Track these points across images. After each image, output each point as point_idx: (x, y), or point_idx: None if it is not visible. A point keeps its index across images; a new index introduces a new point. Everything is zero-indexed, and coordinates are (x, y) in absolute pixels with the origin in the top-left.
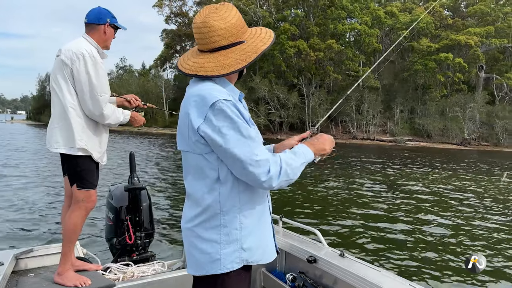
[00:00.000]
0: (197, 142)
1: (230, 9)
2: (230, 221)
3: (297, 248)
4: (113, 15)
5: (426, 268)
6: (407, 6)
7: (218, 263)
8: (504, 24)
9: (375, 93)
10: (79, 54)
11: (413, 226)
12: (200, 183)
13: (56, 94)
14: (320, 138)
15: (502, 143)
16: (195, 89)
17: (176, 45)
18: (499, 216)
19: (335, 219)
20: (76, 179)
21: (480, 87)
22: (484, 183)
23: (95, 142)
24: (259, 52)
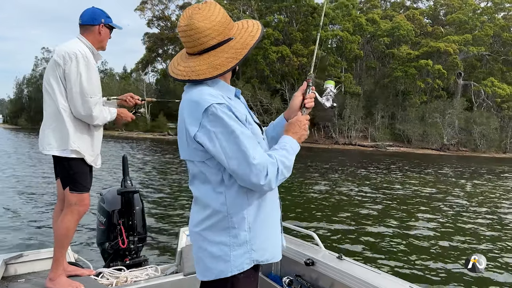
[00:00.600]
0: (196, 150)
1: (213, 7)
2: (239, 223)
3: (294, 251)
4: (107, 15)
5: (424, 269)
6: (388, 14)
7: (228, 266)
8: (482, 33)
9: (356, 99)
10: (72, 54)
11: (405, 228)
12: (206, 187)
13: (48, 95)
14: (301, 124)
15: (479, 148)
16: (188, 96)
17: (158, 49)
18: (486, 215)
19: (329, 223)
20: (68, 182)
21: (459, 94)
22: (465, 187)
23: (87, 145)
24: (249, 47)
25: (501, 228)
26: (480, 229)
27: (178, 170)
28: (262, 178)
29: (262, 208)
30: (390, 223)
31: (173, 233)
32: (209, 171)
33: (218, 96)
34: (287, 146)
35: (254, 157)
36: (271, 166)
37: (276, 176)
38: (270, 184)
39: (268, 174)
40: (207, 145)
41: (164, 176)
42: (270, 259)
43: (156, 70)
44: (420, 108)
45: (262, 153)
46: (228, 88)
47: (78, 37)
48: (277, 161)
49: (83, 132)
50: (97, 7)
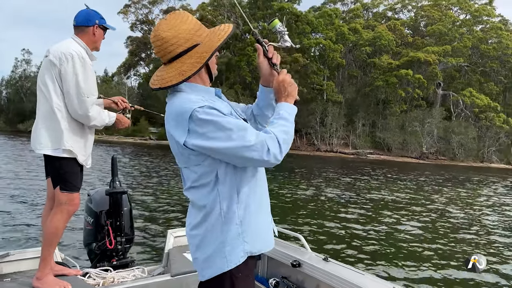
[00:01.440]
0: (190, 156)
1: (180, 16)
2: (230, 218)
3: (280, 253)
4: (101, 16)
5: (407, 270)
6: (370, 24)
7: (224, 261)
8: (460, 44)
9: (338, 107)
10: (68, 54)
11: (388, 231)
12: (201, 190)
13: (42, 95)
14: (285, 83)
15: (458, 157)
16: (170, 107)
17: (141, 53)
18: (464, 219)
19: (315, 226)
20: (59, 181)
21: (438, 103)
22: (443, 193)
23: (80, 145)
24: (213, 49)
25: (477, 231)
26: (459, 232)
27: (165, 173)
28: (264, 154)
29: (252, 202)
30: (374, 226)
31: (161, 234)
32: (205, 172)
33: (198, 100)
34: (281, 114)
35: (249, 139)
36: (270, 140)
37: (279, 148)
38: (276, 157)
39: (270, 149)
40: (201, 147)
41: (151, 179)
42: (262, 249)
43: (138, 74)
44: (400, 117)
45: (257, 132)
46: (207, 90)
47: (72, 37)
48: (275, 134)
49: (76, 132)
50: (91, 8)
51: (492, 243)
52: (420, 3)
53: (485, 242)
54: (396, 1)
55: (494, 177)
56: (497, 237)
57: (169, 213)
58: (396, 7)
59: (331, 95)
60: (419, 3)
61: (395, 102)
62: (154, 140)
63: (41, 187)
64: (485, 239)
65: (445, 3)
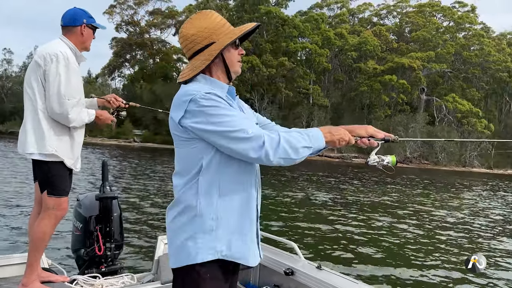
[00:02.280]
0: (181, 137)
1: (203, 15)
2: (206, 211)
3: (273, 261)
4: (89, 15)
5: (401, 277)
6: (356, 29)
7: (192, 254)
8: (444, 51)
9: (324, 111)
10: (53, 55)
11: (380, 238)
12: (184, 176)
13: (28, 97)
14: (341, 132)
15: (441, 161)
16: (179, 91)
17: (126, 54)
18: (454, 224)
19: (306, 233)
20: (46, 185)
21: (421, 109)
22: (433, 197)
23: (66, 148)
24: (222, 47)
25: (468, 234)
26: (450, 235)
27: (154, 176)
28: (257, 147)
29: (234, 203)
30: (365, 230)
31: (150, 241)
32: (191, 158)
33: (206, 89)
34: (305, 132)
35: (247, 130)
36: (270, 139)
37: (274, 149)
38: (268, 155)
39: (264, 145)
40: (196, 128)
41: (140, 183)
42: (239, 258)
43: (123, 75)
44: (384, 122)
45: (259, 127)
46: (221, 85)
47: (60, 37)
48: (280, 136)
49: (62, 134)
50: (78, 7)
51: (482, 244)
52: (405, 9)
53: (476, 243)
54: (381, 7)
55: (477, 181)
56: (487, 240)
57: (159, 218)
58: (381, 13)
59: (317, 99)
60: (404, 10)
61: (379, 107)
62: (138, 142)
63: (28, 190)
64: (475, 241)
65: (429, 10)
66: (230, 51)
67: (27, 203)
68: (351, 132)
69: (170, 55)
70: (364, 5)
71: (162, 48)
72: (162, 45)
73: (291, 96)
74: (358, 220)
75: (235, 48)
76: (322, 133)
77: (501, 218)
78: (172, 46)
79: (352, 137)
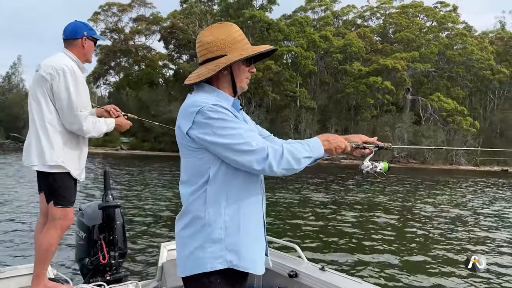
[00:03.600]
0: (189, 148)
1: (224, 26)
2: (214, 220)
3: (276, 263)
4: (90, 28)
5: (405, 278)
6: (340, 31)
7: (202, 263)
8: (427, 50)
9: (311, 113)
10: (59, 69)
11: (382, 237)
12: (191, 187)
13: (35, 110)
14: (338, 140)
15: (428, 160)
16: (186, 101)
17: (111, 61)
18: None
19: (307, 234)
20: (52, 196)
21: (407, 108)
22: (426, 196)
23: (73, 158)
24: (229, 62)
25: (468, 231)
26: (449, 235)
27: (152, 184)
28: (261, 160)
29: (242, 212)
30: (366, 233)
31: (154, 248)
32: (199, 168)
33: (213, 100)
34: (306, 142)
35: (250, 142)
36: (273, 151)
37: (277, 161)
38: (272, 167)
39: (268, 157)
40: (202, 138)
41: (138, 191)
42: (248, 267)
43: (108, 83)
44: (371, 122)
45: (263, 140)
46: (226, 97)
47: (63, 51)
48: (283, 148)
49: (70, 146)
50: (79, 20)
51: (485, 243)
52: (388, 10)
53: (476, 242)
54: (365, 9)
55: (464, 178)
56: (487, 233)
57: (161, 225)
58: (365, 15)
59: (304, 102)
60: (387, 11)
61: (365, 108)
62: (126, 149)
63: (33, 201)
64: (476, 239)
65: (412, 10)
66: (240, 67)
67: (32, 214)
68: (347, 140)
69: (156, 61)
70: (348, 7)
71: (147, 54)
72: (147, 51)
73: (278, 99)
74: (357, 220)
75: (246, 65)
76: (321, 142)
77: (496, 214)
78: (157, 52)
79: (348, 144)
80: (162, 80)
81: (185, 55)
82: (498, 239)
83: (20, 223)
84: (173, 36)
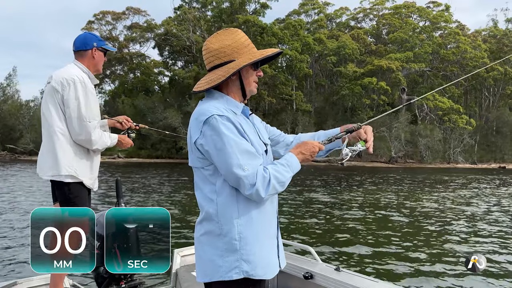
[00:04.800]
0: (197, 157)
1: (230, 32)
2: (229, 231)
3: (291, 266)
4: (99, 39)
5: (419, 274)
6: (334, 33)
7: (220, 271)
8: (421, 50)
9: (307, 116)
10: (70, 80)
11: (395, 236)
12: (202, 194)
13: (46, 121)
14: (310, 147)
15: (425, 160)
16: (197, 108)
17: (106, 70)
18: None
19: (318, 235)
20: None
21: (403, 108)
22: (430, 195)
23: (86, 168)
24: (239, 67)
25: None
26: (459, 233)
27: (158, 190)
28: (248, 186)
29: (255, 221)
30: (377, 232)
31: None
32: (206, 178)
33: (221, 109)
34: (286, 163)
35: (243, 167)
36: (261, 178)
37: (265, 188)
38: (259, 194)
39: (255, 185)
40: (204, 150)
41: (147, 198)
42: (263, 275)
43: (104, 91)
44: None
45: (255, 164)
46: (235, 104)
47: (74, 62)
48: (270, 175)
49: (82, 155)
50: (89, 32)
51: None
52: (381, 11)
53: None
54: (358, 11)
55: (462, 177)
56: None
57: (173, 231)
58: (358, 17)
59: (300, 105)
60: (380, 12)
61: (361, 109)
62: (123, 158)
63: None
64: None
65: (405, 11)
66: (249, 71)
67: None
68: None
69: (151, 68)
70: (341, 9)
71: (142, 61)
72: (142, 58)
73: (274, 103)
74: (364, 219)
75: (254, 69)
76: (295, 156)
77: (495, 211)
78: (152, 59)
79: (320, 145)
80: (158, 87)
81: (179, 61)
82: (498, 237)
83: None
84: (168, 43)
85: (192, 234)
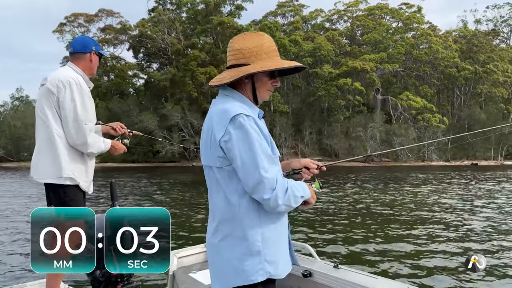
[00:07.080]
0: (217, 156)
1: (255, 36)
2: (252, 234)
3: None
4: (97, 43)
5: (417, 269)
6: (310, 35)
7: (242, 275)
8: (395, 51)
9: (285, 117)
10: (66, 82)
11: (391, 232)
12: (221, 196)
13: (42, 123)
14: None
15: (400, 158)
16: (218, 106)
17: None
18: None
19: (312, 233)
20: None
21: (378, 108)
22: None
23: (81, 171)
24: (248, 72)
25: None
26: (458, 232)
27: (146, 193)
28: (268, 191)
29: (275, 222)
30: (371, 229)
31: None
32: (226, 179)
33: (246, 109)
34: (300, 184)
35: (267, 170)
36: (281, 185)
37: (283, 195)
38: (277, 200)
39: (275, 190)
40: (227, 149)
41: (137, 200)
42: (281, 274)
43: None
44: (344, 123)
45: (276, 170)
46: (253, 106)
47: (69, 65)
48: (288, 185)
49: (77, 158)
50: (86, 35)
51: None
52: (355, 13)
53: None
54: (332, 13)
55: (439, 174)
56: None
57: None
58: (333, 18)
59: (277, 106)
60: (354, 14)
61: (338, 109)
62: (97, 162)
63: None
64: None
65: (378, 12)
66: (262, 79)
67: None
68: (288, 164)
69: (125, 71)
70: (316, 11)
71: (117, 64)
72: (116, 61)
73: None
74: (356, 218)
75: (269, 78)
76: (308, 189)
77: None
78: (126, 62)
79: (314, 195)
80: (133, 90)
81: (155, 63)
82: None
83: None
84: (142, 45)
85: (188, 236)
